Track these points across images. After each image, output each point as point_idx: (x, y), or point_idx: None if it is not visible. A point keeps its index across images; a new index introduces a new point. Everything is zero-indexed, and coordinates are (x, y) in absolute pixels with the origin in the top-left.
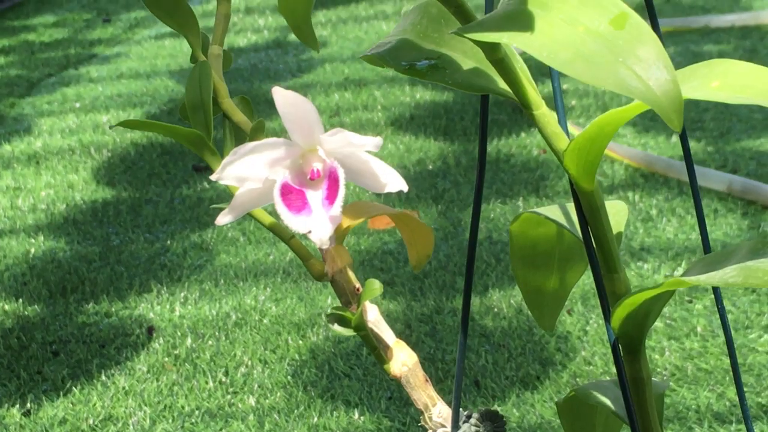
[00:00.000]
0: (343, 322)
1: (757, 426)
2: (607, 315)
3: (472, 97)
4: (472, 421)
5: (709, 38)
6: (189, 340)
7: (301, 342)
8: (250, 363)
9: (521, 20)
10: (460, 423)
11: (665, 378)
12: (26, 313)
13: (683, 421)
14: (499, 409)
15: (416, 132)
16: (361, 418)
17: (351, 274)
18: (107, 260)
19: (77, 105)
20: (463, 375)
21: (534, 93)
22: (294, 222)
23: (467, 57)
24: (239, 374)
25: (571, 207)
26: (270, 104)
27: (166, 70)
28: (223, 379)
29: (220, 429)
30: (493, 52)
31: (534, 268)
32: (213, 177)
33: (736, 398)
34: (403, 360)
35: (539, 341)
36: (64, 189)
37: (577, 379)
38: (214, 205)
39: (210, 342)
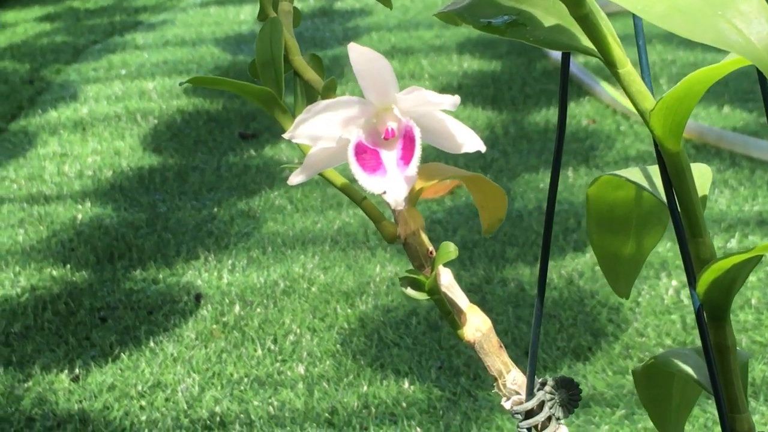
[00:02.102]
0: (417, 285)
1: None
2: (691, 280)
3: (520, 66)
4: (547, 388)
5: None
6: (237, 308)
7: (349, 310)
8: (298, 331)
9: None
10: (535, 390)
11: None
12: (74, 279)
13: None
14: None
15: (464, 101)
16: (411, 387)
17: (424, 237)
18: (154, 227)
19: (123, 72)
20: (538, 341)
21: (619, 50)
22: (369, 182)
23: (548, 13)
24: (288, 342)
25: (651, 169)
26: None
27: (212, 37)
28: (272, 347)
29: (269, 397)
30: (577, 7)
31: (610, 232)
32: (286, 135)
33: None
34: (476, 325)
35: (590, 312)
36: (111, 156)
37: (630, 351)
38: (285, 165)
39: (258, 309)
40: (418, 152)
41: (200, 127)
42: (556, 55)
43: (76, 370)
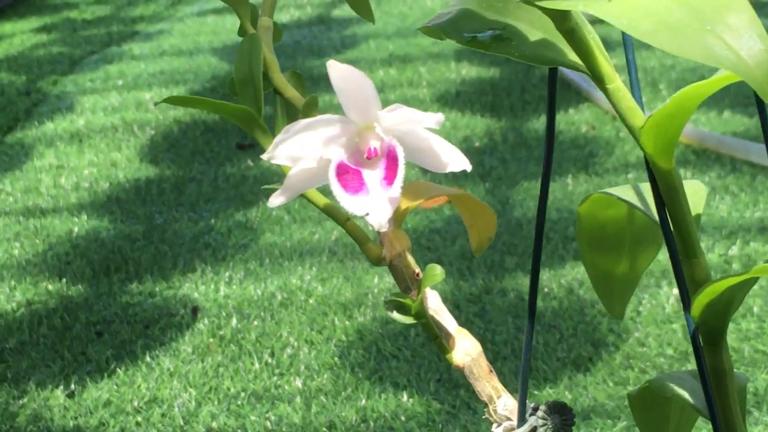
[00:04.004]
0: (403, 309)
1: None
2: (686, 303)
3: (519, 73)
4: (539, 413)
5: (760, 12)
6: (234, 321)
7: (348, 323)
8: (296, 344)
9: None
10: (527, 416)
11: None
12: (70, 293)
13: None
14: (550, 391)
15: (462, 109)
16: (410, 400)
17: (410, 259)
18: (151, 239)
19: (120, 82)
20: (529, 364)
21: (607, 65)
22: (351, 204)
23: (534, 27)
24: (285, 355)
25: (644, 187)
26: (314, 81)
27: (209, 47)
28: (269, 361)
29: (267, 411)
30: (563, 21)
31: (603, 251)
32: (264, 156)
33: None
34: (466, 349)
35: (591, 322)
36: (107, 167)
37: (631, 361)
38: (266, 186)
39: (255, 323)
40: (401, 172)
41: (197, 137)
42: None
43: (72, 386)
